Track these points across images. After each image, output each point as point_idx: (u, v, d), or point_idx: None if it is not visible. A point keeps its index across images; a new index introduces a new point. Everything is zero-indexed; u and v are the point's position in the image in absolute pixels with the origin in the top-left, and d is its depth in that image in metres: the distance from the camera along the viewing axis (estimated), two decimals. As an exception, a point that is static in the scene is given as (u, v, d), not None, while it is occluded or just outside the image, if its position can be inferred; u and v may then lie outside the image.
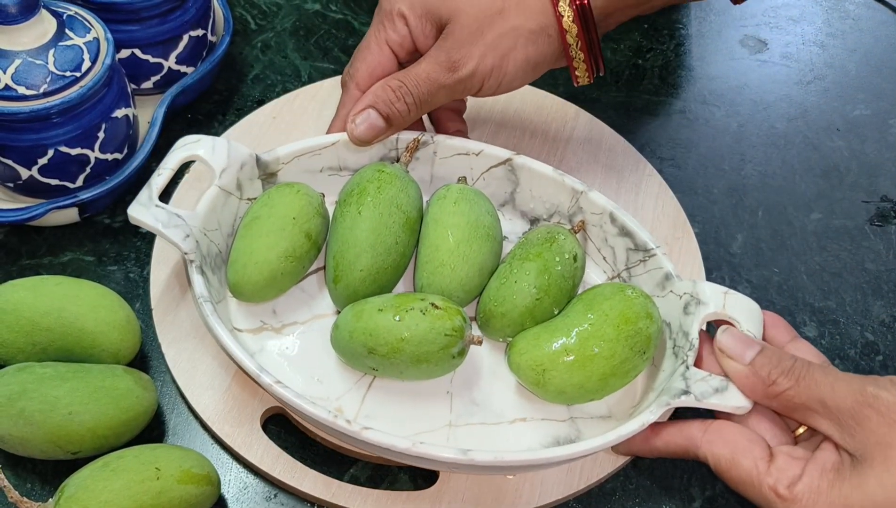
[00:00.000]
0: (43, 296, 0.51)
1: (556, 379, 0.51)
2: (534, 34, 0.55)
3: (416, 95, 0.55)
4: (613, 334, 0.50)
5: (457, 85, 0.55)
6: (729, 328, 0.49)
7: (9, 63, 0.54)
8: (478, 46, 0.54)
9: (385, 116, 0.56)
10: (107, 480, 0.46)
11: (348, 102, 0.58)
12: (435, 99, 0.56)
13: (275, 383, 0.48)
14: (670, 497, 0.53)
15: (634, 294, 0.52)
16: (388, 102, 0.55)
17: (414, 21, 0.56)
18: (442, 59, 0.55)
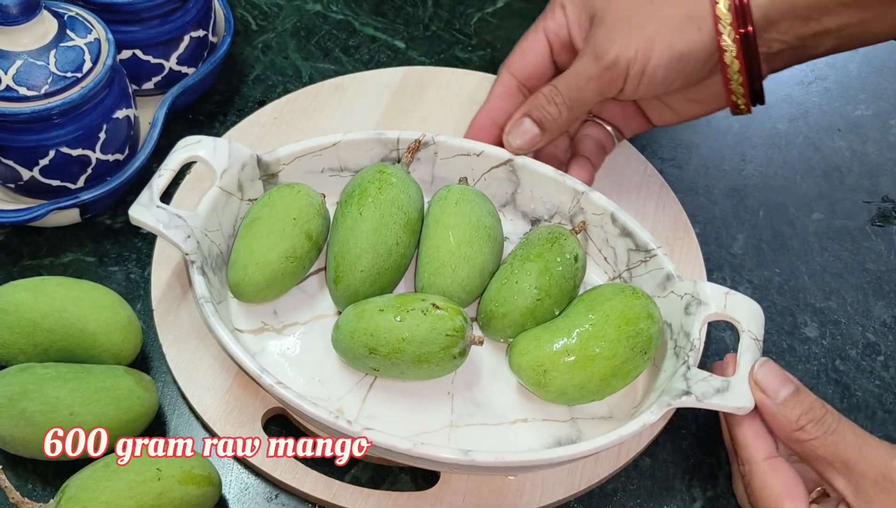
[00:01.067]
0: (44, 297, 0.51)
1: (557, 380, 0.51)
2: (682, 22, 0.53)
3: (565, 94, 0.55)
4: (614, 334, 0.50)
5: (603, 74, 0.54)
6: (768, 361, 0.49)
7: (10, 64, 0.54)
8: (623, 32, 0.53)
9: (538, 121, 0.56)
10: (108, 481, 0.46)
11: (497, 86, 0.59)
12: (584, 95, 0.55)
13: (276, 383, 0.48)
14: (671, 498, 0.53)
15: (635, 295, 0.52)
16: (540, 106, 0.56)
17: (571, 10, 0.57)
18: (588, 51, 0.54)
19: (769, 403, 0.48)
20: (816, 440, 0.46)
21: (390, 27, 0.77)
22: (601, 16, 0.55)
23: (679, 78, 0.54)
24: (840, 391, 0.59)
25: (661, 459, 0.55)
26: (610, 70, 0.54)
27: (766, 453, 0.48)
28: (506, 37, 0.77)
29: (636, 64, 0.53)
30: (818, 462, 0.47)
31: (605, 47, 0.54)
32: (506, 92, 0.59)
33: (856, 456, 0.45)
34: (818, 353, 0.60)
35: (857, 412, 0.58)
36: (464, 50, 0.76)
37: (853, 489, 0.45)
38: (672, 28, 0.53)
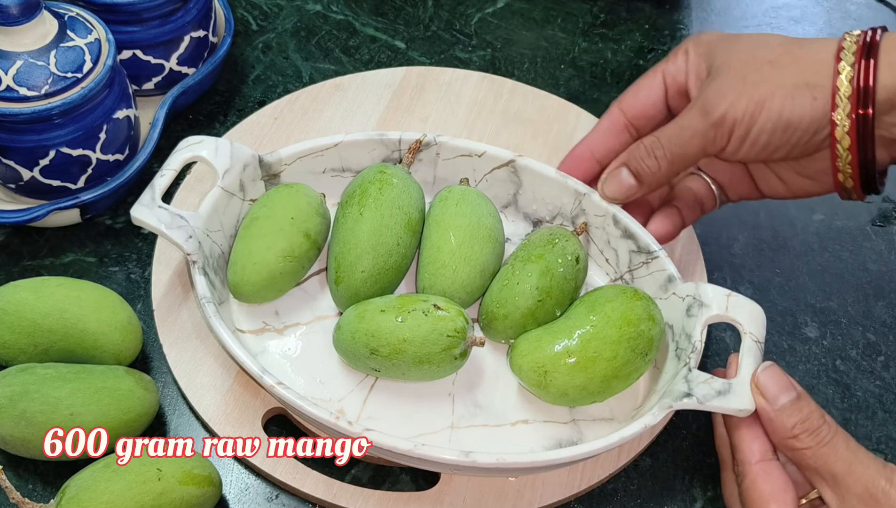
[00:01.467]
0: (44, 297, 0.51)
1: (558, 381, 0.51)
2: (796, 89, 0.50)
3: (667, 148, 0.53)
4: (615, 335, 0.50)
5: (708, 131, 0.51)
6: (773, 366, 0.49)
7: (10, 64, 0.54)
8: (735, 90, 0.51)
9: (635, 172, 0.54)
10: (108, 481, 0.46)
11: (604, 120, 0.57)
12: (686, 150, 0.52)
13: (277, 384, 0.48)
14: (672, 498, 0.53)
15: (637, 296, 0.52)
16: (639, 158, 0.54)
17: (693, 58, 0.54)
18: (698, 104, 0.52)
19: (767, 408, 0.48)
20: (808, 450, 0.46)
21: (391, 27, 0.77)
22: (718, 69, 0.52)
23: (784, 146, 0.51)
24: (840, 392, 0.59)
25: (662, 459, 0.55)
26: (715, 127, 0.51)
27: (760, 455, 0.48)
28: (506, 37, 0.77)
29: (742, 125, 0.51)
30: (808, 470, 0.47)
31: (714, 102, 0.51)
32: (612, 127, 0.57)
33: (844, 470, 0.45)
34: (819, 353, 0.60)
35: (857, 413, 0.58)
36: (464, 50, 0.76)
37: (839, 501, 0.46)
38: (785, 93, 0.50)
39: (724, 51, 0.53)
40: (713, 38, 0.54)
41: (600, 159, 0.57)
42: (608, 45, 0.78)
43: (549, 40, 0.77)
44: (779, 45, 0.52)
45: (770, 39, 0.53)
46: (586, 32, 0.78)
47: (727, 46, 0.53)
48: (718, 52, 0.53)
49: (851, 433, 0.56)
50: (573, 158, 0.58)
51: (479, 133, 0.67)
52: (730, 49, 0.53)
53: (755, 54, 0.52)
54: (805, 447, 0.46)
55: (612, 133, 0.57)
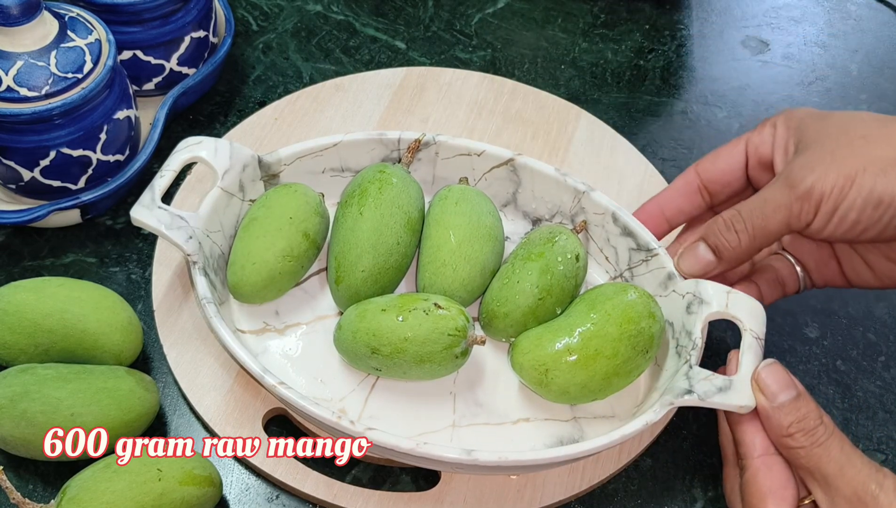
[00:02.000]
0: (45, 297, 0.51)
1: (559, 379, 0.51)
2: (889, 164, 0.47)
3: (748, 221, 0.50)
4: (616, 333, 0.50)
5: (793, 204, 0.48)
6: (774, 363, 0.49)
7: (11, 65, 0.54)
8: (824, 164, 0.48)
9: (713, 247, 0.51)
10: (109, 481, 0.46)
11: (678, 180, 0.56)
12: (769, 224, 0.49)
13: (278, 384, 0.48)
14: (673, 498, 0.53)
15: (637, 294, 0.52)
16: (718, 231, 0.51)
17: (781, 132, 0.52)
18: (783, 177, 0.49)
19: (766, 405, 0.48)
20: (802, 450, 0.46)
21: (391, 28, 0.77)
22: (808, 144, 0.50)
23: (875, 226, 0.48)
24: (841, 392, 0.58)
25: (662, 459, 0.55)
26: (801, 201, 0.48)
27: (762, 450, 0.48)
28: (506, 37, 0.77)
29: (830, 200, 0.48)
30: (802, 470, 0.47)
31: (801, 175, 0.48)
32: (685, 187, 0.55)
33: (836, 472, 0.45)
34: (819, 353, 0.60)
35: (857, 413, 0.58)
36: (464, 50, 0.76)
37: (828, 503, 0.46)
38: (878, 168, 0.47)
39: (814, 126, 0.51)
40: (804, 113, 0.52)
41: (670, 218, 0.56)
42: (608, 45, 0.78)
43: (549, 40, 0.77)
44: (873, 121, 0.50)
45: (863, 116, 0.51)
46: (587, 33, 0.78)
47: (818, 122, 0.51)
48: (809, 127, 0.51)
49: (852, 433, 0.56)
50: (643, 213, 0.56)
51: (479, 133, 0.67)
52: (821, 124, 0.50)
53: (847, 129, 0.49)
54: (799, 446, 0.46)
55: (684, 193, 0.55)
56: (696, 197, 0.55)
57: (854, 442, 0.56)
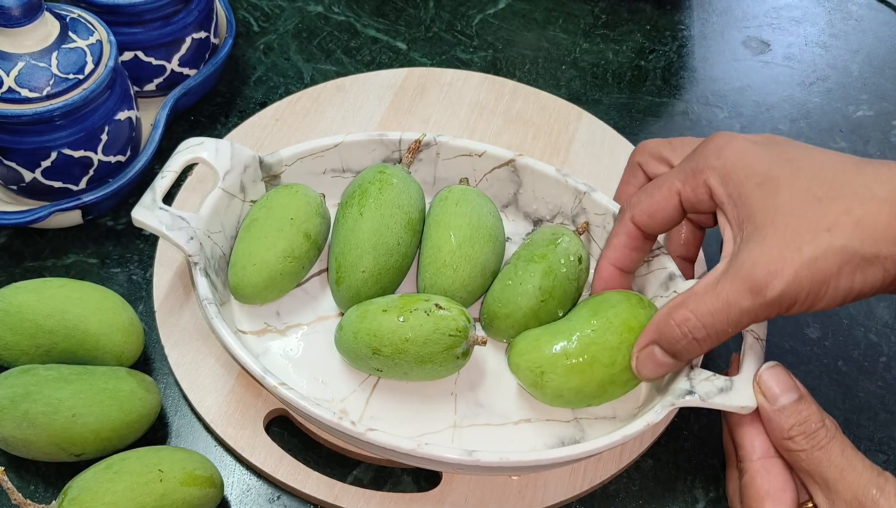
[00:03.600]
0: (46, 298, 0.51)
1: (554, 382, 0.51)
2: (865, 262, 0.43)
3: (710, 329, 0.46)
4: (616, 342, 0.50)
5: (760, 310, 0.44)
6: (777, 366, 0.48)
7: (12, 66, 0.54)
8: (791, 264, 0.43)
9: (671, 352, 0.48)
10: (110, 482, 0.46)
11: (620, 232, 0.52)
12: (734, 328, 0.46)
13: (279, 385, 0.48)
14: (674, 499, 0.53)
15: (641, 304, 0.51)
16: (674, 339, 0.47)
17: (723, 200, 0.47)
18: (743, 278, 0.44)
19: (767, 407, 0.47)
20: (803, 453, 0.46)
21: (392, 28, 0.77)
22: (759, 233, 0.45)
23: (845, 303, 0.45)
24: (842, 393, 0.58)
25: (664, 460, 0.55)
26: (770, 306, 0.44)
27: (761, 452, 0.48)
28: (507, 38, 0.77)
29: (803, 303, 0.44)
30: (803, 473, 0.47)
31: (766, 280, 0.44)
32: (629, 240, 0.53)
33: (836, 476, 0.45)
34: (820, 354, 0.60)
35: (859, 414, 0.58)
36: (465, 51, 0.76)
37: (829, 506, 0.45)
38: (851, 268, 0.43)
39: (762, 204, 0.45)
40: (744, 178, 0.46)
41: (626, 270, 0.54)
42: (609, 45, 0.78)
43: (550, 41, 0.77)
44: (828, 187, 0.45)
45: (812, 175, 0.45)
46: (587, 33, 0.78)
47: (766, 197, 0.45)
48: (755, 205, 0.46)
49: (853, 434, 0.56)
50: (602, 281, 0.54)
51: (480, 134, 0.67)
52: (770, 202, 0.45)
53: (804, 215, 0.44)
54: (800, 449, 0.46)
55: (631, 247, 0.53)
56: (642, 243, 0.53)
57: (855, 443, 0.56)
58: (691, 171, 0.49)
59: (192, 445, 0.53)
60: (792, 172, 0.46)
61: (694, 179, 0.49)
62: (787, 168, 0.46)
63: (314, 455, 0.53)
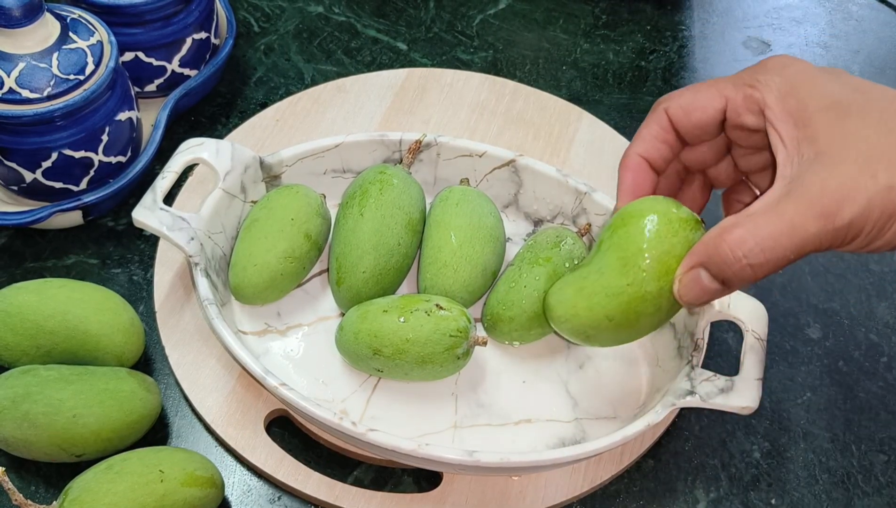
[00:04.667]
0: (47, 299, 0.51)
1: (602, 339, 0.48)
2: None
3: (769, 253, 0.41)
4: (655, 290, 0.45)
5: (825, 237, 0.40)
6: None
7: (13, 66, 0.54)
8: (864, 191, 0.40)
9: (721, 278, 0.42)
10: (111, 483, 0.46)
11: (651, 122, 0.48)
12: (796, 255, 0.41)
13: (280, 385, 0.48)
14: (674, 500, 0.53)
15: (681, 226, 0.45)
16: (726, 263, 0.42)
17: (779, 117, 0.43)
18: (810, 200, 0.40)
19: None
20: None
21: (392, 29, 0.77)
22: (830, 153, 0.41)
23: None
24: (843, 393, 0.58)
25: (664, 461, 0.55)
26: (838, 233, 0.40)
27: None
28: (507, 38, 0.77)
29: (871, 232, 0.40)
30: None
31: (836, 204, 0.40)
32: (662, 134, 0.48)
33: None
34: (821, 354, 0.60)
35: (860, 414, 0.58)
36: (466, 51, 0.76)
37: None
38: None
39: (834, 128, 0.42)
40: (811, 101, 0.43)
41: (655, 167, 0.49)
42: (610, 46, 0.78)
43: (550, 41, 0.77)
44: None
45: (884, 107, 0.42)
46: (588, 34, 0.78)
47: (838, 121, 0.42)
48: (819, 122, 0.42)
49: (854, 434, 0.56)
50: (630, 170, 0.49)
51: (480, 134, 0.67)
52: (838, 124, 0.42)
53: (878, 140, 0.41)
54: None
55: (662, 140, 0.48)
56: (674, 143, 0.49)
57: (856, 443, 0.56)
58: (746, 80, 0.45)
59: (192, 445, 0.53)
60: (864, 102, 0.42)
61: (748, 88, 0.45)
62: (858, 97, 0.43)
63: (315, 456, 0.53)
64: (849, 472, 0.55)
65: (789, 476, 0.55)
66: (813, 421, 0.57)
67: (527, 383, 0.55)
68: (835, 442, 0.56)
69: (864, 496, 0.54)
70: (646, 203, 0.46)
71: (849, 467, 0.55)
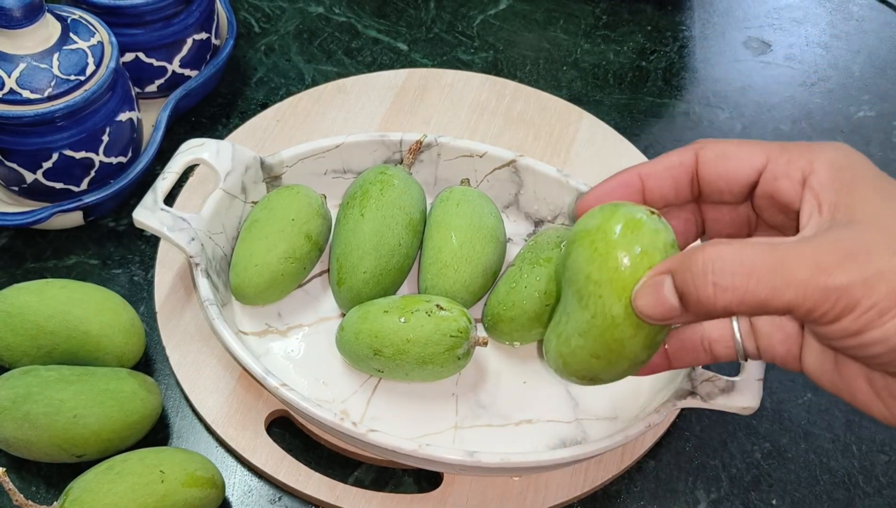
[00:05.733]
0: (48, 299, 0.51)
1: (606, 379, 0.43)
2: None
3: (739, 280, 0.35)
4: (623, 313, 0.39)
5: (811, 293, 0.34)
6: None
7: (13, 67, 0.54)
8: (879, 256, 0.34)
9: (680, 290, 0.36)
10: (111, 483, 0.46)
11: (672, 158, 0.42)
12: (768, 299, 0.34)
13: (281, 385, 0.48)
14: (675, 500, 0.53)
15: (634, 237, 0.39)
16: (691, 273, 0.36)
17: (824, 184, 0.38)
18: (813, 247, 0.35)
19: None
20: None
21: (393, 29, 0.77)
22: (858, 218, 0.36)
23: None
24: (844, 393, 0.58)
25: (665, 461, 0.54)
26: (827, 298, 0.34)
27: None
28: (508, 39, 0.77)
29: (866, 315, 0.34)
30: None
31: (839, 258, 0.34)
32: (679, 169, 0.42)
33: None
34: (822, 354, 0.60)
35: (861, 415, 0.57)
36: (466, 52, 0.76)
37: None
38: None
39: (874, 198, 0.37)
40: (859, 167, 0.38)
41: (647, 198, 0.43)
42: (610, 46, 0.78)
43: (551, 42, 0.77)
44: None
45: None
46: (588, 34, 0.78)
47: (880, 196, 0.37)
48: (866, 193, 0.37)
49: (855, 434, 0.56)
50: (616, 182, 0.43)
51: (481, 135, 0.67)
52: (883, 201, 0.37)
53: None
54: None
55: (675, 176, 0.43)
56: (686, 186, 0.43)
57: (857, 444, 0.56)
58: (798, 146, 0.40)
59: (193, 446, 0.53)
60: None
61: (797, 151, 0.40)
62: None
63: (315, 456, 0.53)
64: (850, 473, 0.55)
65: (790, 476, 0.54)
66: (814, 422, 0.57)
67: (527, 383, 0.55)
68: (836, 443, 0.56)
69: (865, 496, 0.54)
70: (588, 220, 0.41)
71: (850, 467, 0.55)
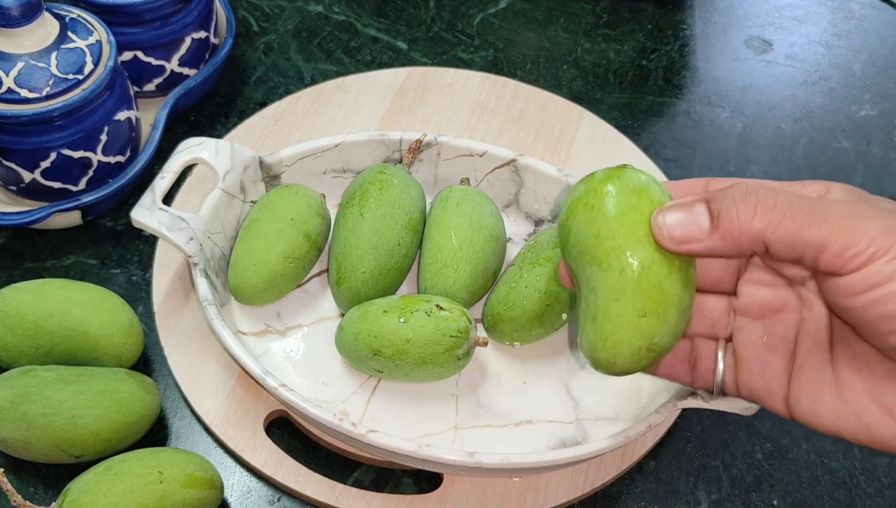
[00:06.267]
0: (46, 299, 0.51)
1: None
2: None
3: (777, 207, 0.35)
4: None
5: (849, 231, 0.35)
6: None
7: (11, 66, 0.54)
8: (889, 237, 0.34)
9: (713, 212, 0.36)
10: (110, 484, 0.45)
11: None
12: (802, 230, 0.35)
13: (280, 386, 0.48)
14: (676, 501, 0.53)
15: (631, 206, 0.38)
16: (732, 195, 0.36)
17: None
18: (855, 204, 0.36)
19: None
20: None
21: (392, 28, 0.77)
22: None
23: None
24: (846, 393, 0.58)
25: (665, 462, 0.54)
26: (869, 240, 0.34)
27: None
28: (508, 37, 0.77)
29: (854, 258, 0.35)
30: None
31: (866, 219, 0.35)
32: None
33: None
34: (824, 354, 0.60)
35: (863, 414, 0.57)
36: (466, 51, 0.76)
37: None
38: None
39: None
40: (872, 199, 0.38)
41: None
42: (611, 45, 0.77)
43: (551, 41, 0.77)
44: None
45: None
46: (589, 33, 0.78)
47: None
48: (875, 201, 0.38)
49: (857, 433, 0.56)
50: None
51: (481, 134, 0.67)
52: None
53: None
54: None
55: None
56: None
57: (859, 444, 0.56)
58: None
59: (192, 447, 0.53)
60: None
61: None
62: None
63: (315, 457, 0.53)
64: (851, 473, 0.55)
65: (792, 477, 0.54)
66: (815, 422, 0.57)
67: (527, 383, 0.54)
68: (837, 443, 0.56)
69: (866, 497, 0.54)
70: (572, 193, 0.40)
71: (851, 468, 0.55)
